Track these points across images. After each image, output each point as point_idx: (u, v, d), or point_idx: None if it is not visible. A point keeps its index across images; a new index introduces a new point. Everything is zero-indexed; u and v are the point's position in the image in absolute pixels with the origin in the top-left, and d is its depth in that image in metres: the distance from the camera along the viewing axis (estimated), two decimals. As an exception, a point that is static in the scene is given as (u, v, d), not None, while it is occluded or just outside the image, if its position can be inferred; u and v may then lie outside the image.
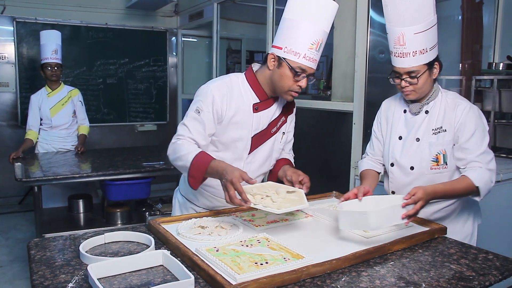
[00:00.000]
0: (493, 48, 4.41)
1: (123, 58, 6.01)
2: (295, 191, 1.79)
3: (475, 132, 1.84)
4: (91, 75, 5.85)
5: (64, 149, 4.19)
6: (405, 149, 1.97)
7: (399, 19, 1.80)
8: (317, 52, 1.78)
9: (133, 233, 1.65)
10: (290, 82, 1.80)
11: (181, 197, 2.16)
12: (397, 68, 1.87)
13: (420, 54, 1.81)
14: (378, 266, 1.46)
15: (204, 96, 1.84)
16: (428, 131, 1.91)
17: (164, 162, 3.55)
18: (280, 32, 1.82)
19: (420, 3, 1.76)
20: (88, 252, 1.49)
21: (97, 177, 3.33)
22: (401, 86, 1.89)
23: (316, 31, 1.76)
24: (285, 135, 2.03)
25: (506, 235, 3.32)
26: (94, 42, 5.81)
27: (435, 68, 1.89)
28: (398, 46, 1.82)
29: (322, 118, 3.69)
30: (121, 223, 3.75)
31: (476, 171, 1.82)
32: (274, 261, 1.39)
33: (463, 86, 4.11)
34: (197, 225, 1.74)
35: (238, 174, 1.61)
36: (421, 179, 1.94)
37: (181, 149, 1.79)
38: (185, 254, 1.44)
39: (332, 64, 3.62)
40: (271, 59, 1.82)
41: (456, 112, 1.87)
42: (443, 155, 1.89)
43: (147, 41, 6.14)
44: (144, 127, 6.27)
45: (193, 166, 1.73)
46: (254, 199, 1.67)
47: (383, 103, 2.15)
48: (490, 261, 1.53)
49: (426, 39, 1.80)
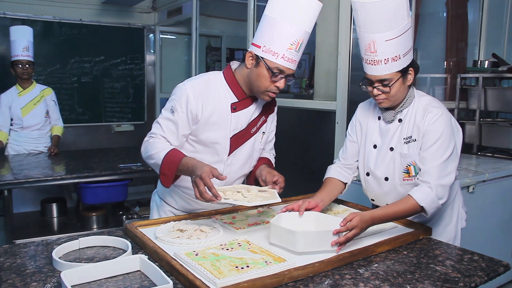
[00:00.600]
0: (478, 46, 4.47)
1: (99, 55, 5.89)
2: (266, 190, 1.76)
3: (436, 142, 1.76)
4: (65, 73, 5.71)
5: (36, 150, 4.09)
6: (380, 159, 1.91)
7: (369, 25, 1.70)
8: (296, 52, 1.74)
9: (109, 237, 1.63)
10: (267, 83, 1.76)
11: (159, 199, 2.11)
12: (368, 75, 1.79)
13: (393, 62, 1.72)
14: (362, 268, 1.44)
15: (179, 96, 1.80)
16: (400, 141, 1.85)
17: (142, 163, 3.50)
18: (260, 29, 1.78)
19: (392, 9, 1.66)
20: (62, 258, 1.46)
21: (72, 179, 3.27)
22: (374, 94, 1.81)
23: (297, 31, 1.71)
24: (266, 135, 2.00)
25: (492, 235, 3.36)
26: (68, 38, 5.67)
27: (410, 74, 1.81)
28: (369, 53, 1.74)
29: (304, 117, 3.67)
30: (97, 227, 3.68)
31: (420, 190, 1.72)
32: (255, 265, 1.37)
33: (448, 84, 4.15)
34: (175, 228, 1.72)
35: (208, 169, 1.59)
36: (395, 190, 1.89)
37: (153, 147, 1.78)
38: (163, 259, 1.42)
39: (314, 62, 3.60)
40: (249, 58, 1.78)
41: (425, 120, 1.79)
42: (414, 166, 1.82)
43: (123, 38, 6.03)
44: (121, 127, 6.17)
45: (165, 164, 1.71)
46: (224, 195, 1.66)
47: (359, 106, 2.07)
48: (475, 262, 1.52)
49: (399, 45, 1.71)
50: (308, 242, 1.50)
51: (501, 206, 3.40)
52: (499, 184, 3.33)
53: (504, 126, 3.98)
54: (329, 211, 2.01)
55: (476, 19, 4.40)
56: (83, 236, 1.62)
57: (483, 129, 4.01)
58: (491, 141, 3.99)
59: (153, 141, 1.80)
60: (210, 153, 1.87)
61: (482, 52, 4.46)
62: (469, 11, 4.24)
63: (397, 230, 1.78)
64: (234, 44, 6.47)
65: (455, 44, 4.10)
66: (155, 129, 1.84)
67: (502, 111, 4.21)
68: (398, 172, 1.86)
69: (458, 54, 4.14)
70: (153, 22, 6.25)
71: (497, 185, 3.31)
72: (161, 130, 1.82)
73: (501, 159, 3.83)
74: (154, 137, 1.82)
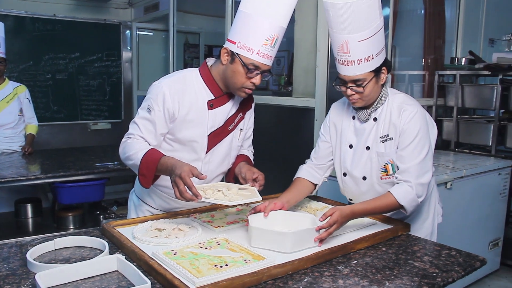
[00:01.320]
0: (456, 43, 4.53)
1: (74, 52, 5.77)
2: (247, 188, 1.75)
3: (414, 140, 1.77)
4: (39, 70, 5.57)
5: (9, 150, 3.98)
6: (356, 159, 1.91)
7: (342, 26, 1.69)
8: (272, 48, 1.73)
9: (86, 237, 1.61)
10: (243, 79, 1.75)
11: (137, 199, 2.09)
12: (342, 76, 1.79)
13: (366, 62, 1.72)
14: (341, 265, 1.45)
15: (155, 94, 1.78)
16: (377, 139, 1.86)
17: (119, 162, 3.45)
18: (234, 25, 1.76)
19: (364, 9, 1.64)
20: (36, 260, 1.44)
21: (47, 179, 3.20)
22: (347, 94, 1.81)
23: (272, 26, 1.70)
24: (243, 131, 1.99)
25: (469, 230, 3.42)
26: (41, 34, 5.53)
27: (383, 73, 1.81)
28: (342, 54, 1.73)
29: (283, 115, 3.66)
30: (73, 227, 3.61)
31: (401, 188, 1.75)
32: (234, 263, 1.37)
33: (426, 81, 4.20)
34: (153, 227, 1.70)
35: (187, 168, 1.57)
36: (373, 190, 1.90)
37: (131, 148, 1.75)
38: (141, 259, 1.40)
39: (293, 59, 3.60)
40: (224, 54, 1.76)
41: (401, 118, 1.80)
42: (391, 164, 1.84)
43: (99, 34, 5.92)
44: (98, 125, 6.06)
45: (143, 164, 1.69)
46: (205, 194, 1.64)
47: (332, 107, 2.06)
48: (453, 257, 1.54)
49: (371, 45, 1.70)
50: (296, 241, 1.51)
51: (478, 201, 3.47)
52: (476, 180, 3.39)
53: (481, 122, 4.05)
54: (308, 209, 2.01)
55: (453, 17, 4.47)
56: (58, 236, 1.60)
57: (461, 125, 4.08)
58: (468, 137, 4.06)
59: (131, 142, 1.78)
60: (188, 151, 1.85)
61: (459, 49, 4.53)
62: (446, 9, 4.31)
63: (376, 226, 1.80)
64: (212, 41, 6.42)
65: (433, 41, 4.16)
66: (132, 129, 1.82)
67: (479, 107, 4.30)
68: (376, 171, 1.87)
69: (436, 52, 4.20)
70: (129, 18, 6.16)
71: (474, 181, 3.37)
72: (139, 130, 1.79)
73: (478, 156, 3.91)
74: (131, 138, 1.80)
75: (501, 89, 3.78)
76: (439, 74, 4.19)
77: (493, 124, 3.86)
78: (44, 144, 5.27)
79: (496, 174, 3.59)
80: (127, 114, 6.23)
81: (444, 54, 4.32)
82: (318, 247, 1.54)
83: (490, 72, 3.90)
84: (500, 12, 4.88)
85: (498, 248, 3.77)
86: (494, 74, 3.86)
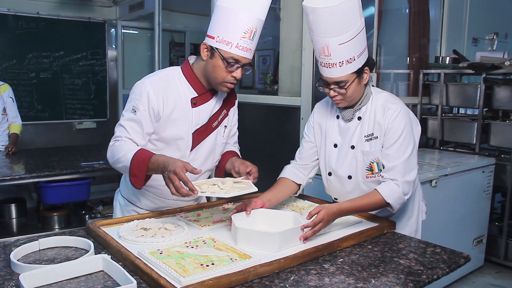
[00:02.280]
0: (440, 42, 4.58)
1: (58, 50, 5.68)
2: (241, 181, 1.75)
3: (399, 138, 1.78)
4: (22, 68, 5.48)
5: (-7, 149, 3.93)
6: (341, 158, 1.92)
7: (322, 30, 1.68)
8: (251, 41, 1.72)
9: (71, 237, 1.60)
10: (224, 73, 1.74)
11: (122, 198, 2.07)
12: (324, 77, 1.79)
13: (348, 64, 1.72)
14: (328, 263, 1.45)
15: (139, 94, 1.76)
16: (361, 138, 1.86)
17: (104, 161, 3.43)
18: (213, 20, 1.76)
19: (343, 12, 1.63)
20: (21, 260, 1.42)
21: (31, 179, 3.17)
22: (330, 95, 1.82)
23: (250, 19, 1.70)
24: (228, 128, 1.98)
25: (453, 228, 3.46)
26: (25, 32, 5.44)
27: (365, 73, 1.81)
28: (323, 57, 1.73)
29: (269, 113, 3.66)
30: (58, 227, 3.58)
31: (387, 186, 1.76)
32: (220, 262, 1.37)
33: (411, 79, 4.23)
34: (139, 227, 1.69)
35: (181, 164, 1.57)
36: (359, 188, 1.91)
37: (120, 150, 1.73)
38: (127, 258, 1.39)
39: (279, 57, 3.60)
40: (204, 49, 1.76)
41: (385, 116, 1.81)
42: (377, 163, 1.85)
43: (84, 32, 5.84)
44: (83, 124, 5.98)
45: (134, 165, 1.67)
46: (200, 188, 1.63)
47: (315, 106, 2.07)
48: (438, 254, 1.55)
49: (353, 47, 1.70)
50: (283, 241, 1.51)
51: (462, 199, 3.51)
52: (460, 178, 3.43)
53: (465, 121, 4.10)
54: (295, 207, 2.02)
55: (438, 16, 4.51)
56: (43, 237, 1.58)
57: (445, 124, 4.12)
58: (453, 135, 4.11)
59: (119, 144, 1.76)
60: (172, 150, 1.84)
61: (443, 48, 4.58)
62: (430, 8, 4.35)
63: (362, 224, 1.81)
64: (198, 39, 6.38)
65: (417, 40, 4.20)
66: (119, 131, 1.80)
67: (463, 106, 4.35)
68: (361, 170, 1.88)
69: (420, 50, 4.24)
70: (114, 16, 6.10)
71: (458, 179, 3.41)
72: (126, 132, 1.77)
73: (462, 154, 3.96)
74: (119, 140, 1.78)
75: (485, 88, 3.84)
76: (423, 72, 4.23)
77: (477, 122, 3.92)
78: (28, 144, 5.20)
79: (480, 172, 3.64)
80: (113, 113, 6.17)
81: (428, 53, 4.36)
82: (304, 245, 1.55)
83: (474, 71, 3.96)
84: (483, 12, 4.96)
85: (482, 245, 3.83)
86: (478, 73, 3.91)
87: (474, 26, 4.89)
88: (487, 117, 4.03)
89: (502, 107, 3.88)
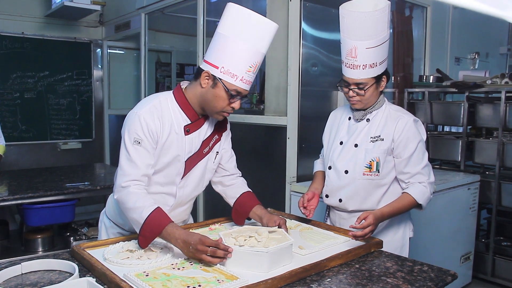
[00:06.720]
0: (424, 61, 4.67)
1: (43, 70, 5.64)
2: (276, 230, 1.73)
3: (418, 146, 1.96)
4: (6, 88, 5.43)
5: (-25, 170, 3.85)
6: (343, 154, 2.06)
7: (353, 33, 1.87)
8: (254, 74, 1.75)
9: (54, 260, 1.57)
10: (224, 104, 1.73)
11: (108, 220, 2.03)
12: (346, 78, 1.97)
13: (370, 68, 1.91)
14: (315, 283, 1.45)
15: (137, 125, 1.71)
16: (367, 138, 2.01)
17: (89, 182, 3.38)
18: (215, 48, 1.73)
19: (375, 21, 1.84)
20: (2, 285, 1.40)
21: (14, 200, 3.11)
22: (349, 95, 1.99)
23: (255, 53, 1.71)
24: (220, 154, 1.95)
25: (440, 245, 3.46)
26: (9, 52, 5.40)
27: (383, 81, 2.00)
28: (349, 58, 1.92)
29: (255, 133, 3.66)
30: (42, 250, 3.51)
31: (417, 188, 1.95)
32: (207, 284, 1.36)
33: (396, 98, 4.28)
34: (125, 249, 1.67)
35: (201, 237, 1.54)
36: (353, 184, 2.02)
37: (135, 200, 1.66)
38: (112, 281, 1.37)
39: (265, 77, 3.62)
40: (205, 77, 1.72)
41: (397, 125, 1.97)
42: (377, 162, 1.98)
43: (69, 52, 5.82)
44: (68, 145, 5.91)
45: (147, 226, 1.62)
46: (237, 241, 1.58)
47: (331, 113, 2.26)
48: (425, 272, 1.55)
49: (377, 54, 1.90)
50: (273, 260, 1.50)
51: (449, 216, 3.53)
52: (446, 195, 3.45)
53: (449, 138, 4.15)
54: None
55: (421, 36, 4.61)
56: (26, 260, 1.54)
57: (430, 142, 4.16)
58: (438, 153, 4.15)
59: (134, 192, 1.68)
60: (163, 177, 1.82)
61: (427, 67, 4.67)
62: (413, 28, 4.43)
63: (349, 243, 1.80)
64: (184, 60, 6.41)
65: (402, 59, 4.26)
66: (129, 169, 1.71)
67: (447, 124, 4.41)
68: (360, 166, 2.00)
69: (405, 69, 4.30)
70: (100, 36, 6.10)
71: (444, 196, 3.43)
72: (136, 168, 1.70)
73: (448, 171, 3.99)
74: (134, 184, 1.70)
75: (468, 106, 3.89)
76: (408, 91, 4.29)
77: (461, 140, 3.96)
78: (11, 165, 5.14)
79: (466, 189, 3.67)
80: (98, 133, 6.13)
81: (412, 72, 4.43)
82: (294, 265, 1.52)
83: (457, 89, 4.02)
84: (465, 32, 5.07)
85: (470, 261, 3.84)
86: (461, 91, 3.98)
87: (456, 46, 5.00)
88: (471, 134, 4.09)
89: (485, 124, 3.93)
